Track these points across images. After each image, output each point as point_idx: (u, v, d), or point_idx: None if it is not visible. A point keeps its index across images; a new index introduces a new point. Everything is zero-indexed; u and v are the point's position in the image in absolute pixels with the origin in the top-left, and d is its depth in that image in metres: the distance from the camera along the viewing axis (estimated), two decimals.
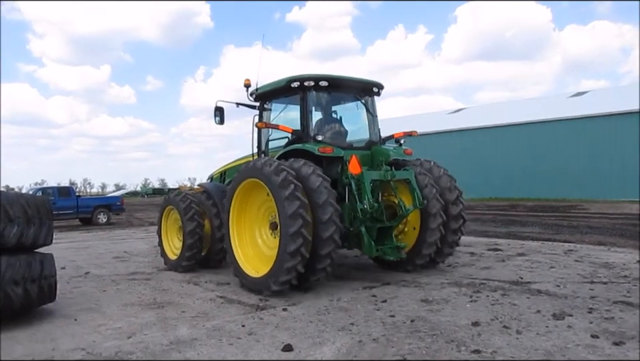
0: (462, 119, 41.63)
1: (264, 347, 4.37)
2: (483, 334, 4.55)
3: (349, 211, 6.90)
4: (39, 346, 4.57)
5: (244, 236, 7.25)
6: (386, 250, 7.02)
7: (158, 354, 4.25)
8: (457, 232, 7.88)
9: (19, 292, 5.13)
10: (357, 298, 6.16)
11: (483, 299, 5.90)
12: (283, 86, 7.75)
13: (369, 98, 8.33)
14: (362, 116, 8.33)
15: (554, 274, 7.41)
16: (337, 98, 8.21)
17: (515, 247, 10.44)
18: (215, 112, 8.52)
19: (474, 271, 7.79)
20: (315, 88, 7.58)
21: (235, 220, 7.25)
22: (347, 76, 7.97)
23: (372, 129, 8.26)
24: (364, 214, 6.71)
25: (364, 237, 6.82)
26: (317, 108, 7.99)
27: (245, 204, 7.27)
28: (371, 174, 7.06)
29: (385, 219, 7.14)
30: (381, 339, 4.50)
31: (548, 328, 4.71)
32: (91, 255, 11.17)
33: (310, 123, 7.59)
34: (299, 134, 7.57)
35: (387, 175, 7.15)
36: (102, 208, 23.19)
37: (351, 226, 6.91)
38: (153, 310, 5.81)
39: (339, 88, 7.90)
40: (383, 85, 8.40)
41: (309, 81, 7.47)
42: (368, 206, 6.64)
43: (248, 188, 7.08)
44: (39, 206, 5.53)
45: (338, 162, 7.24)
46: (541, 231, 13.99)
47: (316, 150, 7.03)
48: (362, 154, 7.64)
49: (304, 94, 7.57)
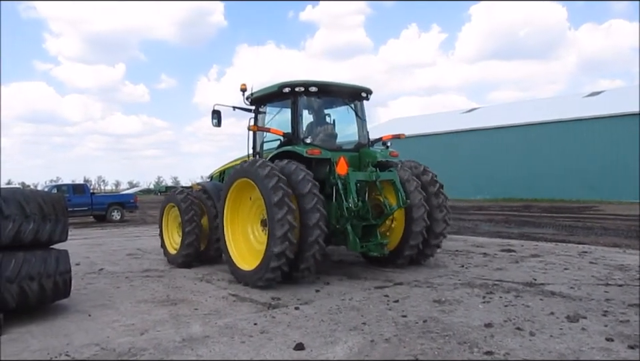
0: (476, 119, 41.42)
1: (276, 345, 4.38)
2: (496, 336, 4.52)
3: (335, 210, 7.32)
4: (54, 340, 4.62)
5: (237, 232, 7.65)
6: (370, 246, 7.38)
7: (170, 351, 4.28)
8: (442, 223, 8.20)
9: (34, 287, 5.20)
10: (368, 297, 6.16)
11: (495, 300, 5.86)
12: (275, 91, 8.14)
13: (358, 103, 8.69)
14: (351, 119, 8.71)
15: (568, 275, 7.34)
16: (327, 102, 8.61)
17: (528, 248, 10.36)
18: (213, 114, 8.89)
19: (487, 272, 7.75)
20: (305, 94, 7.98)
21: (229, 217, 7.66)
22: (336, 82, 8.37)
23: (361, 132, 8.63)
24: (349, 213, 7.10)
25: (349, 234, 7.19)
26: (307, 112, 8.39)
27: (238, 202, 7.68)
28: (356, 174, 7.49)
29: (370, 217, 7.49)
30: (393, 339, 4.49)
31: (562, 330, 4.67)
32: (104, 252, 11.28)
33: (300, 126, 8.00)
34: (289, 136, 7.98)
35: (372, 176, 7.57)
36: (116, 206, 23.39)
37: (337, 223, 7.30)
38: (166, 307, 5.85)
39: (328, 93, 8.32)
40: (371, 90, 8.75)
41: (300, 87, 7.88)
42: (353, 204, 7.06)
43: (240, 188, 7.48)
44: (54, 203, 5.60)
45: (326, 163, 7.64)
46: (554, 232, 13.87)
47: (304, 152, 7.41)
48: (350, 155, 8.07)
49: (295, 98, 7.98)
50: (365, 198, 7.68)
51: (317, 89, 7.99)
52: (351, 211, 7.10)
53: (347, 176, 7.26)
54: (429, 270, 8.01)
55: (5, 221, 5.07)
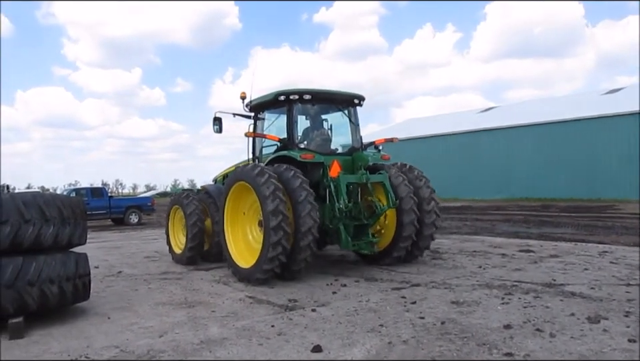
0: (493, 118, 41.09)
1: (293, 347, 4.38)
2: (515, 337, 4.47)
3: (329, 210, 7.77)
4: (74, 342, 4.68)
5: (237, 232, 8.08)
6: (361, 244, 7.83)
7: (189, 353, 4.30)
8: (432, 226, 8.52)
9: (54, 290, 5.26)
10: (386, 299, 6.13)
11: (514, 301, 5.80)
12: (272, 99, 8.53)
13: (351, 109, 9.06)
14: (345, 125, 9.08)
15: (588, 276, 7.24)
16: (321, 109, 9.00)
17: (547, 248, 10.24)
18: (214, 121, 9.24)
19: (505, 273, 7.67)
20: (299, 101, 8.38)
21: (229, 218, 8.10)
22: (330, 90, 8.78)
23: (354, 136, 9.02)
24: (341, 213, 7.55)
25: (341, 233, 7.64)
26: (301, 118, 8.81)
27: (237, 204, 8.09)
28: (347, 177, 7.89)
29: (362, 217, 7.96)
30: (411, 341, 4.46)
31: (583, 331, 4.60)
32: (123, 254, 11.39)
33: (295, 132, 8.40)
34: (285, 142, 8.40)
35: (362, 178, 7.96)
36: (133, 209, 23.62)
37: (330, 223, 7.74)
38: (184, 309, 5.88)
39: (321, 100, 8.74)
40: (364, 97, 9.09)
41: (294, 95, 8.28)
42: (343, 205, 7.51)
43: (239, 191, 7.88)
44: (73, 207, 5.67)
45: (319, 167, 8.08)
46: (574, 232, 13.69)
47: (298, 156, 7.85)
48: (344, 159, 8.53)
49: (290, 106, 8.38)
50: (358, 200, 8.11)
51: (311, 97, 8.39)
52: (342, 211, 7.54)
53: (338, 178, 7.72)
54: (446, 271, 7.96)
55: (26, 225, 5.13)
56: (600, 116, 31.19)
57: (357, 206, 7.96)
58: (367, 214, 8.03)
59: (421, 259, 9.06)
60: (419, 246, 8.52)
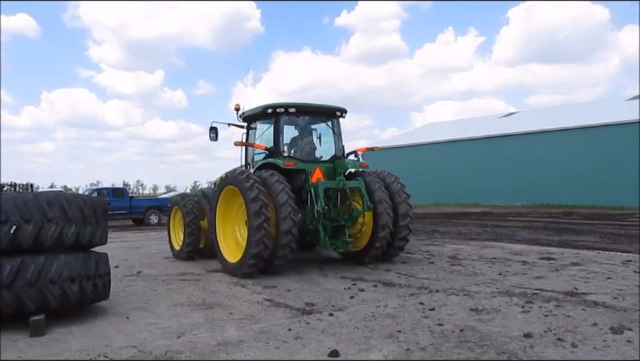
0: (514, 123, 40.65)
1: (310, 351, 4.37)
2: (536, 346, 4.40)
3: (310, 212, 8.55)
4: (93, 341, 4.72)
5: (227, 231, 8.84)
6: (338, 243, 8.58)
7: (206, 355, 4.31)
8: (405, 229, 9.15)
9: (75, 289, 5.32)
10: (404, 305, 6.08)
11: (535, 310, 5.71)
12: (261, 111, 9.37)
13: (334, 120, 9.84)
14: (328, 135, 9.88)
15: (611, 285, 7.10)
16: (305, 121, 9.84)
17: (569, 256, 10.07)
18: (210, 130, 10.28)
19: (525, 280, 7.56)
20: (285, 114, 9.16)
21: (220, 219, 8.88)
22: (313, 103, 9.66)
23: (336, 146, 9.77)
24: (319, 215, 8.31)
25: (320, 233, 8.43)
26: (286, 129, 9.59)
27: (227, 206, 8.86)
28: (325, 183, 8.70)
29: (340, 219, 8.80)
30: (429, 348, 4.42)
31: (605, 341, 4.51)
32: (142, 255, 11.51)
33: (280, 142, 9.25)
34: (271, 150, 9.20)
35: (339, 184, 8.75)
36: (153, 209, 23.87)
37: (310, 224, 8.54)
38: (202, 311, 5.91)
39: (305, 113, 9.59)
40: (346, 110, 9.85)
41: (280, 108, 9.08)
42: (320, 208, 8.24)
43: (229, 194, 8.64)
44: (95, 207, 5.72)
45: (301, 173, 8.86)
46: (596, 240, 13.44)
47: (281, 164, 8.62)
48: (327, 166, 9.31)
49: (276, 118, 9.20)
50: (337, 203, 8.93)
51: (295, 110, 9.19)
52: (320, 213, 8.30)
53: (317, 184, 8.54)
54: (465, 277, 7.88)
55: (48, 224, 5.21)
56: (624, 122, 30.65)
57: (335, 209, 8.83)
58: (345, 217, 8.83)
59: (440, 265, 9.00)
60: (394, 246, 9.18)
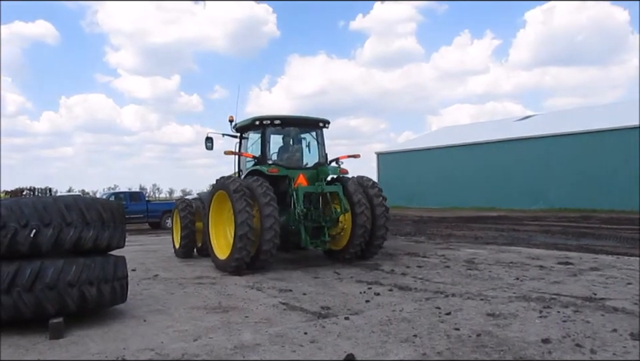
0: (530, 126, 40.24)
1: (326, 355, 4.37)
2: (554, 352, 4.35)
3: (292, 214, 9.34)
4: (111, 344, 4.77)
5: (218, 231, 9.67)
6: (317, 243, 9.48)
7: (223, 358, 4.33)
8: (382, 228, 10.02)
9: (93, 292, 5.38)
10: (420, 309, 6.05)
11: (553, 315, 5.64)
12: (250, 123, 10.44)
13: (317, 131, 10.75)
14: (312, 144, 10.77)
15: (631, 290, 6.98)
16: (290, 132, 10.71)
17: (587, 261, 9.93)
18: (206, 140, 11.19)
19: (543, 285, 7.48)
20: (271, 125, 10.13)
21: (213, 220, 9.72)
22: (298, 116, 10.79)
23: (320, 153, 10.67)
24: (299, 217, 9.17)
25: (302, 233, 9.22)
26: (273, 139, 10.48)
27: (218, 209, 9.67)
28: (305, 188, 9.54)
29: (321, 220, 9.52)
30: (445, 353, 4.39)
31: (625, 348, 4.44)
32: (159, 258, 11.61)
33: (267, 150, 10.20)
34: (259, 158, 10.16)
35: (318, 188, 9.57)
36: (170, 213, 23.93)
37: (292, 225, 9.37)
38: (218, 314, 5.94)
39: (290, 124, 10.56)
40: (329, 121, 10.75)
41: (267, 120, 10.05)
42: (300, 210, 9.14)
43: (220, 198, 9.41)
44: (113, 211, 5.80)
45: (285, 179, 9.71)
46: (615, 244, 13.24)
47: (266, 170, 9.50)
48: (310, 172, 10.13)
49: (264, 129, 10.21)
50: (318, 206, 9.63)
51: (281, 122, 10.20)
52: (300, 215, 9.15)
53: (297, 188, 9.40)
54: (482, 282, 7.82)
55: (67, 228, 5.28)
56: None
57: (316, 211, 9.54)
58: (327, 218, 9.57)
59: (457, 269, 8.94)
60: (373, 244, 10.03)
